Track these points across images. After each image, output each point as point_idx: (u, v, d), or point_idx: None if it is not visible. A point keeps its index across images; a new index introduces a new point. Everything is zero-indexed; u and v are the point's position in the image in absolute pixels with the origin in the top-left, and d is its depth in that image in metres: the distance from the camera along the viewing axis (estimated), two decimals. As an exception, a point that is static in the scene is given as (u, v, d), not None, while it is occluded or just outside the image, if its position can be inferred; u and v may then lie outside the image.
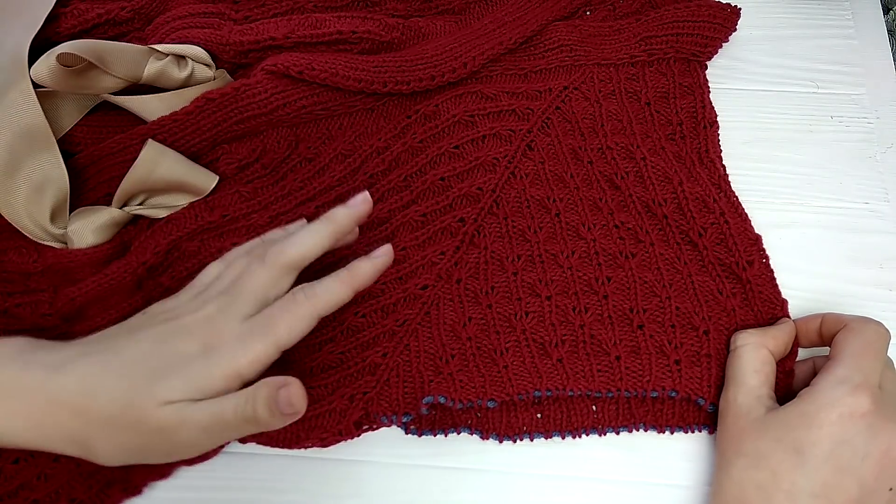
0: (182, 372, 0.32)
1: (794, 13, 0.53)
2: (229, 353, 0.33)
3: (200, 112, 0.43)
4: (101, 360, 0.33)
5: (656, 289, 0.41)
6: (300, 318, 0.34)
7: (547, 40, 0.48)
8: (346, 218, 0.37)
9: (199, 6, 0.48)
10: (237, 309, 0.34)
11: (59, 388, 0.32)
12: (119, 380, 0.32)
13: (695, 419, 0.39)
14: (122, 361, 0.33)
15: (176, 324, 0.34)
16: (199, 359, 0.33)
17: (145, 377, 0.32)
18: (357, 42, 0.47)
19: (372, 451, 0.39)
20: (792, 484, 0.33)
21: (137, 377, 0.32)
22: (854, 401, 0.33)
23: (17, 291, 0.40)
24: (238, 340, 0.33)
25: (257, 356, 0.33)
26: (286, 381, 0.32)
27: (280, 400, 0.32)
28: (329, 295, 0.35)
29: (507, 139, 0.45)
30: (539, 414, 0.40)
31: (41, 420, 0.32)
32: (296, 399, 0.32)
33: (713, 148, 0.45)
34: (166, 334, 0.34)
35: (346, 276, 0.36)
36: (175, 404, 0.32)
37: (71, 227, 0.41)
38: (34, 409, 0.32)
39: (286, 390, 0.32)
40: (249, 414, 0.32)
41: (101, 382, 0.32)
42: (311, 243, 0.36)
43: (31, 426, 0.33)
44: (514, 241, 0.43)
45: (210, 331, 0.33)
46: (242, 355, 0.33)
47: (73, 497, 0.37)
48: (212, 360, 0.33)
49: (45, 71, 0.41)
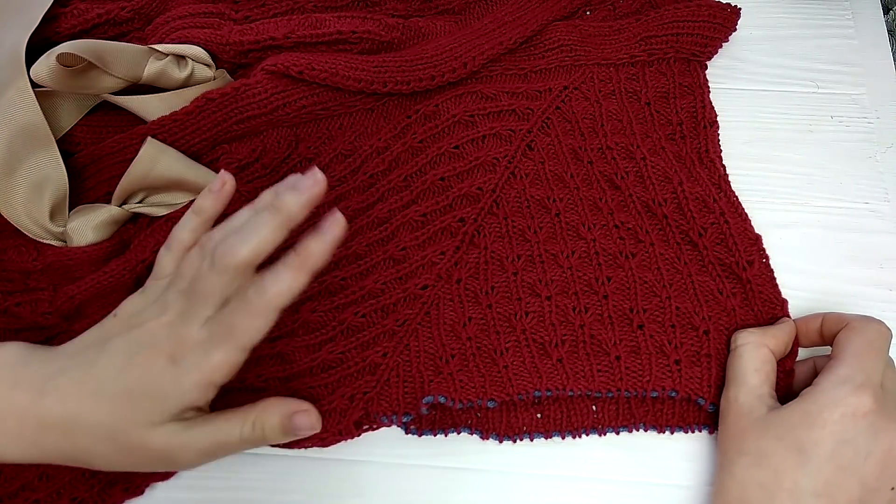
0: (154, 390, 0.32)
1: (794, 13, 0.53)
2: (195, 363, 0.32)
3: (200, 112, 0.43)
4: (77, 379, 0.33)
5: (656, 289, 0.41)
6: (256, 317, 0.32)
7: (547, 40, 0.48)
8: (295, 206, 0.33)
9: (199, 6, 0.48)
10: (197, 313, 0.33)
11: (44, 412, 0.32)
12: (95, 402, 0.32)
13: (695, 419, 0.39)
14: (96, 380, 0.33)
15: (141, 332, 0.33)
16: (167, 372, 0.32)
17: (120, 399, 0.32)
18: (357, 42, 0.47)
19: (372, 451, 0.39)
20: (794, 483, 0.33)
21: (113, 399, 0.32)
22: (856, 400, 0.33)
23: (17, 290, 0.40)
24: (201, 348, 0.32)
25: (221, 363, 0.32)
26: (302, 408, 0.35)
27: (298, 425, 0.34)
28: (281, 286, 0.32)
29: (507, 139, 0.45)
30: (539, 414, 0.40)
31: (35, 440, 0.33)
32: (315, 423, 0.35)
33: (713, 148, 0.45)
34: (134, 346, 0.33)
35: (295, 261, 0.32)
36: (168, 427, 0.32)
37: (70, 225, 0.41)
38: (27, 431, 0.32)
39: (303, 417, 0.34)
40: (258, 438, 0.34)
41: (81, 406, 0.32)
42: (260, 240, 0.32)
43: (27, 445, 0.33)
44: (514, 241, 0.43)
45: (174, 340, 0.33)
46: (207, 364, 0.32)
47: (75, 496, 0.37)
48: (180, 373, 0.32)
49: (45, 71, 0.41)
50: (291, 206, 0.33)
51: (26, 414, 0.32)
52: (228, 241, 0.33)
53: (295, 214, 0.33)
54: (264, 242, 0.32)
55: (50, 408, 0.32)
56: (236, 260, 0.32)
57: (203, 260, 0.33)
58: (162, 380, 0.32)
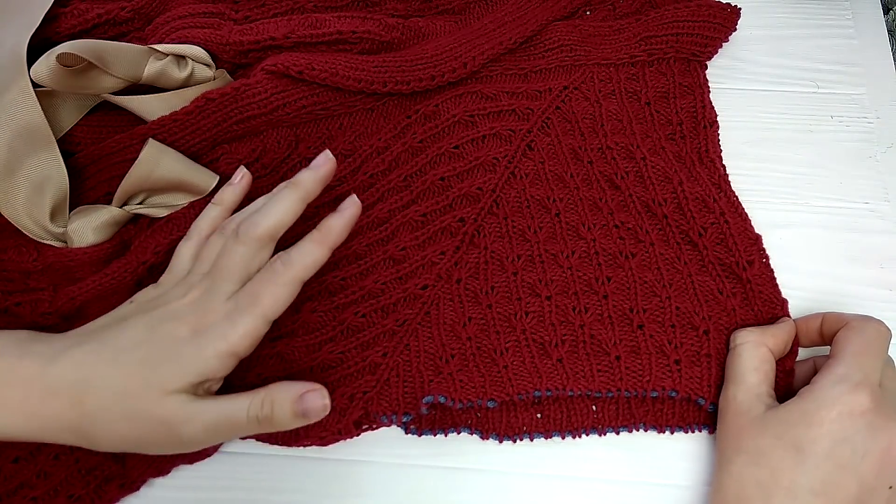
0: (175, 357, 0.33)
1: (794, 13, 0.53)
2: (219, 332, 0.33)
3: (200, 112, 0.43)
4: (93, 349, 0.34)
5: (656, 289, 0.41)
6: (282, 287, 0.34)
7: (547, 40, 0.48)
8: (311, 181, 0.37)
9: (199, 6, 0.48)
10: (221, 288, 0.34)
11: (54, 378, 0.33)
12: (112, 368, 0.33)
13: (695, 419, 0.39)
14: (114, 350, 0.33)
15: (164, 310, 0.34)
16: (190, 342, 0.33)
17: (138, 365, 0.33)
18: (357, 42, 0.47)
19: (372, 451, 0.39)
20: (792, 481, 0.33)
21: (130, 365, 0.33)
22: (854, 399, 0.33)
23: (17, 290, 0.40)
24: (226, 319, 0.33)
25: (247, 331, 0.33)
26: (313, 387, 0.34)
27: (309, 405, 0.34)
28: (306, 258, 0.35)
29: (507, 139, 0.45)
30: (539, 414, 0.40)
31: (38, 410, 0.33)
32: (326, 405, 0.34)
33: (713, 148, 0.45)
34: (156, 321, 0.34)
35: (318, 236, 0.36)
36: (180, 397, 0.32)
37: (71, 225, 0.41)
38: (31, 400, 0.33)
39: (313, 395, 0.34)
40: (266, 416, 0.33)
41: (95, 372, 0.33)
42: (283, 211, 0.36)
43: (28, 416, 0.33)
44: (514, 241, 0.43)
45: (198, 313, 0.34)
46: (233, 332, 0.33)
47: (72, 493, 0.37)
48: (203, 342, 0.33)
49: (45, 71, 0.41)
50: (307, 181, 0.37)
51: (33, 382, 0.33)
52: (250, 218, 0.36)
53: (311, 189, 0.37)
54: (285, 214, 0.36)
55: (60, 374, 0.33)
56: (259, 230, 0.35)
57: (225, 240, 0.36)
58: (184, 348, 0.33)
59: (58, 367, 0.33)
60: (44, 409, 0.33)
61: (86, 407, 0.33)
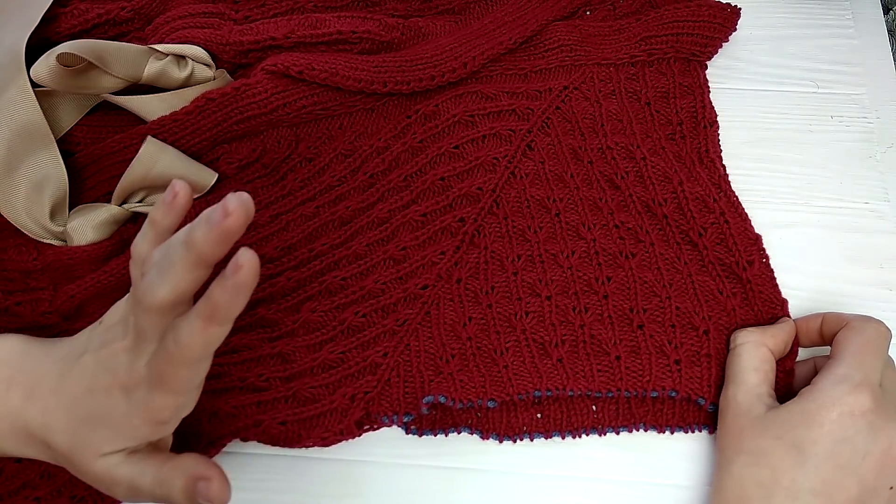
0: (108, 422, 0.32)
1: (794, 13, 0.53)
2: (141, 401, 0.31)
3: (200, 112, 0.43)
4: (53, 390, 0.33)
5: (656, 289, 0.41)
6: (181, 366, 0.30)
7: (547, 40, 0.48)
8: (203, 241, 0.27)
9: (199, 6, 0.48)
10: (142, 347, 0.31)
11: (28, 419, 0.33)
12: (66, 421, 0.33)
13: (695, 419, 0.39)
14: (69, 398, 0.33)
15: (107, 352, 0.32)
16: (121, 406, 0.32)
17: (82, 423, 0.32)
18: (357, 42, 0.47)
19: (372, 451, 0.39)
20: (792, 481, 0.33)
21: (80, 423, 0.33)
22: (854, 399, 0.33)
23: (18, 289, 0.40)
24: (146, 386, 0.31)
25: (162, 406, 0.31)
26: (204, 475, 0.31)
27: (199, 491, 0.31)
28: (193, 338, 0.28)
29: (507, 139, 0.45)
30: (539, 414, 0.40)
31: (24, 441, 0.34)
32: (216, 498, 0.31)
33: (713, 148, 0.45)
34: (101, 368, 0.32)
35: (204, 310, 0.28)
36: (108, 459, 0.32)
37: (70, 224, 0.41)
38: (18, 433, 0.34)
39: (205, 486, 0.31)
40: (163, 496, 0.32)
41: (56, 419, 0.33)
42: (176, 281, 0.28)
43: (20, 446, 0.34)
44: (514, 240, 0.43)
45: (127, 369, 0.32)
46: (152, 405, 0.31)
47: (75, 494, 0.37)
48: (131, 409, 0.32)
49: (45, 71, 0.41)
50: (199, 242, 0.27)
51: (18, 418, 0.33)
52: (149, 277, 0.29)
53: (206, 252, 0.27)
54: (180, 282, 0.28)
55: (33, 416, 0.33)
56: (156, 302, 0.29)
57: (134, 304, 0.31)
58: (117, 412, 0.32)
59: (32, 408, 0.33)
60: (28, 445, 0.34)
61: (52, 450, 0.33)
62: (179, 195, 0.31)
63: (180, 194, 0.31)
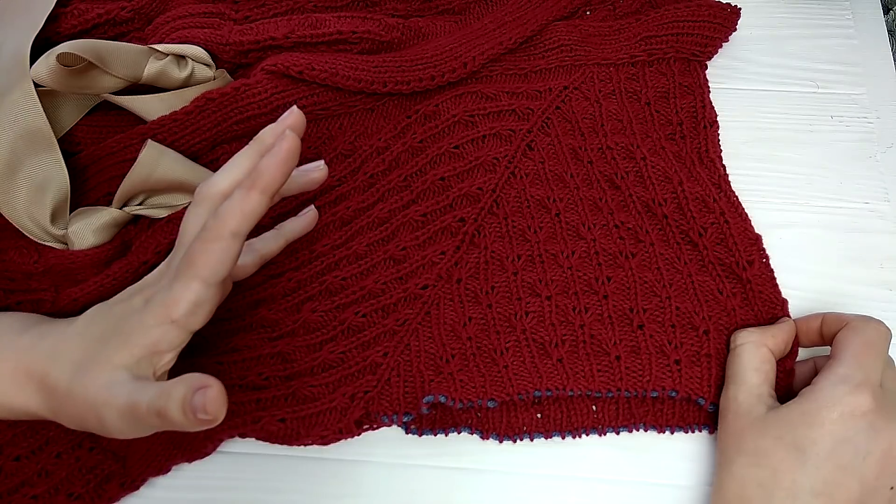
0: (122, 328, 0.32)
1: (794, 13, 0.53)
2: (159, 298, 0.32)
3: (200, 112, 0.43)
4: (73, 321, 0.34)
5: (656, 289, 0.41)
6: (214, 243, 0.30)
7: (547, 40, 0.48)
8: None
9: (199, 6, 0.48)
10: (176, 255, 0.33)
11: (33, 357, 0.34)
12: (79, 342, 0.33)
13: (695, 419, 0.39)
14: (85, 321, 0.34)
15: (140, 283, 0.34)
16: (137, 308, 0.33)
17: (95, 338, 0.33)
18: (357, 42, 0.47)
19: (372, 450, 0.39)
20: (793, 482, 0.33)
21: (90, 338, 0.33)
22: (855, 399, 0.33)
23: (19, 289, 0.40)
24: (166, 286, 0.32)
25: (182, 295, 0.31)
26: (205, 383, 0.29)
27: (195, 403, 0.28)
28: (233, 206, 0.30)
29: (507, 139, 0.45)
30: (539, 414, 0.40)
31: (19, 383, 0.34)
32: (211, 405, 0.28)
33: (713, 148, 0.45)
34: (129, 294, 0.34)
35: (247, 181, 0.30)
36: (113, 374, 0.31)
37: (71, 227, 0.40)
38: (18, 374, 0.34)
39: (202, 393, 0.29)
40: (160, 408, 0.29)
41: (66, 345, 0.33)
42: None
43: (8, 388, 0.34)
44: (514, 240, 0.43)
45: (155, 280, 0.33)
46: (169, 297, 0.31)
47: (72, 492, 0.37)
48: (146, 311, 0.32)
49: (45, 71, 0.41)
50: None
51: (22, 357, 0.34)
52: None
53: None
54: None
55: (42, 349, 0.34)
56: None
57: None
58: (132, 317, 0.32)
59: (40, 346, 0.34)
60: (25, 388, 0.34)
61: (47, 391, 0.33)
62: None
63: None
